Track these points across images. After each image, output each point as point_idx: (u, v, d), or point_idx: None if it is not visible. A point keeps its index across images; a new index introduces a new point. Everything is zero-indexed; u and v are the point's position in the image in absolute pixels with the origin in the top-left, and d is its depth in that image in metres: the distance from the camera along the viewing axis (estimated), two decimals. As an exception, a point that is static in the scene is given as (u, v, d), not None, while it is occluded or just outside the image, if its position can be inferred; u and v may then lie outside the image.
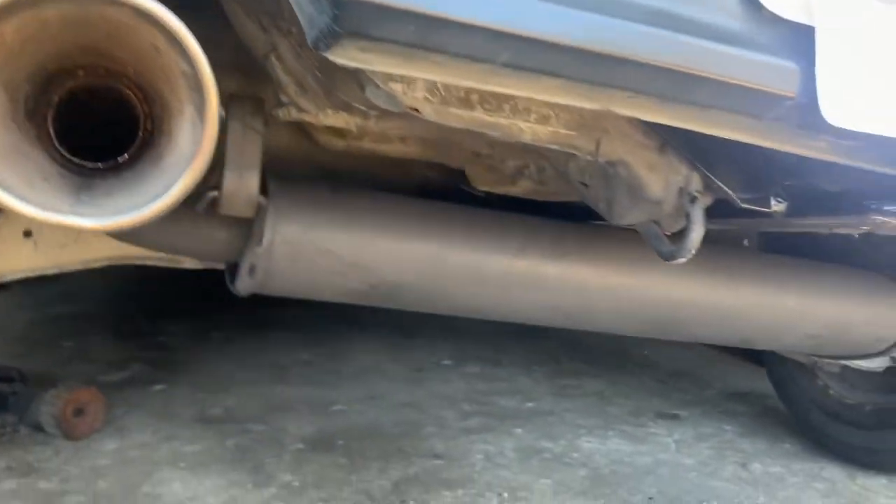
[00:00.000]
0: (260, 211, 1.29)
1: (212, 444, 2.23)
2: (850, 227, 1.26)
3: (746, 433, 2.55)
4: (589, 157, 1.16)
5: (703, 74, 0.83)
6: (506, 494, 1.97)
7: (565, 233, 1.50)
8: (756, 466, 2.26)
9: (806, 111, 0.86)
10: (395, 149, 1.46)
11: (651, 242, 1.26)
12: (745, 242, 2.07)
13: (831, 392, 2.30)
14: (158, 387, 2.77)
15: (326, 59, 0.83)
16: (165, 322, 3.90)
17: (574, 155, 1.19)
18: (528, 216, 1.52)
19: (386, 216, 1.38)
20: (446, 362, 3.28)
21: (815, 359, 2.22)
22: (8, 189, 0.71)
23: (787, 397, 2.50)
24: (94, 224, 0.73)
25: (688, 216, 1.16)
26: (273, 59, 1.14)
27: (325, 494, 1.93)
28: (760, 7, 0.86)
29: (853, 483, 2.19)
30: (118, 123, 0.89)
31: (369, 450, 2.24)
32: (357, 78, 1.01)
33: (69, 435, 2.17)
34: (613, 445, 2.37)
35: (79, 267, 1.51)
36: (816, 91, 0.85)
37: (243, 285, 1.35)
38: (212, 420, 2.44)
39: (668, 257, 1.22)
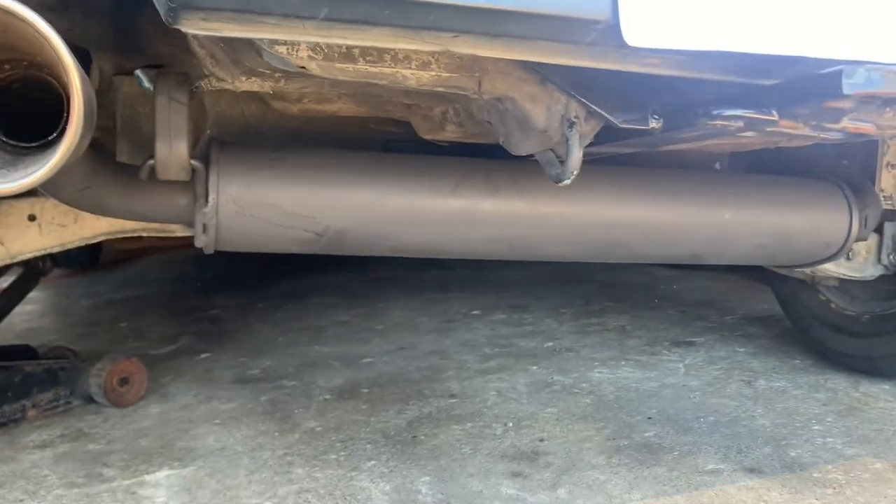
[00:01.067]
0: (201, 174, 1.44)
1: (246, 401, 2.41)
2: (709, 137, 1.32)
3: (759, 353, 2.61)
4: (475, 96, 1.26)
5: (509, 9, 0.91)
6: (510, 424, 2.09)
7: (497, 169, 1.60)
8: (761, 383, 2.33)
9: (617, 34, 0.94)
10: (338, 107, 1.58)
11: (544, 168, 1.35)
12: (717, 166, 2.12)
13: (832, 305, 2.34)
14: (204, 355, 2.97)
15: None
16: (217, 297, 4.14)
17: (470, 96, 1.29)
18: (462, 157, 1.62)
19: (326, 168, 1.50)
20: (475, 312, 3.40)
21: (815, 274, 2.26)
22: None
23: (792, 314, 2.54)
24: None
25: (567, 141, 1.25)
26: (189, 36, 1.26)
27: (344, 436, 2.08)
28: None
29: (855, 391, 2.24)
30: (50, 108, 1.03)
31: (391, 394, 2.39)
32: (253, 46, 1.13)
33: (116, 403, 2.38)
34: (623, 374, 2.47)
35: (80, 243, 1.69)
36: (619, 14, 0.93)
37: (201, 243, 1.50)
38: (249, 380, 2.62)
39: (556, 180, 1.31)
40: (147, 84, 1.42)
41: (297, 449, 2.02)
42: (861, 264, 2.09)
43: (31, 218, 1.63)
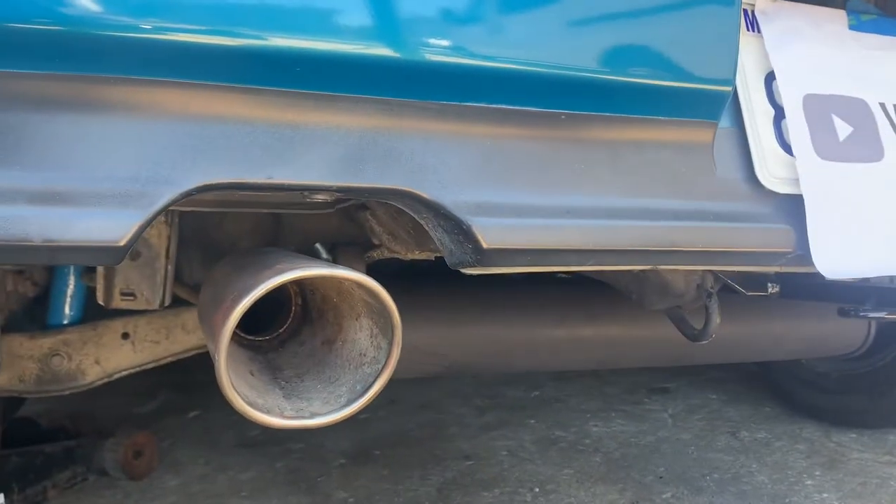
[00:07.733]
0: None
1: (263, 469, 2.47)
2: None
3: (731, 400, 2.87)
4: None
5: (723, 250, 1.10)
6: (537, 489, 2.25)
7: None
8: (744, 434, 2.58)
9: (806, 259, 1.15)
10: None
11: (678, 325, 1.54)
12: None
13: (803, 362, 2.63)
14: (193, 413, 2.98)
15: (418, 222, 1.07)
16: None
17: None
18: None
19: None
20: (450, 356, 3.54)
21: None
22: (253, 405, 0.93)
23: (765, 367, 2.83)
24: (319, 422, 0.97)
25: (707, 308, 1.44)
26: (367, 215, 1.36)
27: (380, 508, 2.19)
28: (762, 187, 1.13)
29: (829, 440, 2.52)
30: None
31: (404, 457, 2.50)
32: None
33: (133, 476, 2.40)
34: (618, 427, 2.67)
35: (171, 358, 1.75)
36: (810, 248, 1.13)
37: None
38: (254, 444, 2.67)
39: (693, 339, 1.51)
40: (325, 256, 1.49)
41: (340, 524, 2.11)
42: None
43: (125, 336, 1.67)
